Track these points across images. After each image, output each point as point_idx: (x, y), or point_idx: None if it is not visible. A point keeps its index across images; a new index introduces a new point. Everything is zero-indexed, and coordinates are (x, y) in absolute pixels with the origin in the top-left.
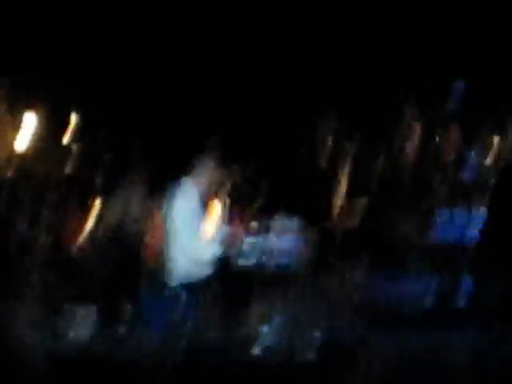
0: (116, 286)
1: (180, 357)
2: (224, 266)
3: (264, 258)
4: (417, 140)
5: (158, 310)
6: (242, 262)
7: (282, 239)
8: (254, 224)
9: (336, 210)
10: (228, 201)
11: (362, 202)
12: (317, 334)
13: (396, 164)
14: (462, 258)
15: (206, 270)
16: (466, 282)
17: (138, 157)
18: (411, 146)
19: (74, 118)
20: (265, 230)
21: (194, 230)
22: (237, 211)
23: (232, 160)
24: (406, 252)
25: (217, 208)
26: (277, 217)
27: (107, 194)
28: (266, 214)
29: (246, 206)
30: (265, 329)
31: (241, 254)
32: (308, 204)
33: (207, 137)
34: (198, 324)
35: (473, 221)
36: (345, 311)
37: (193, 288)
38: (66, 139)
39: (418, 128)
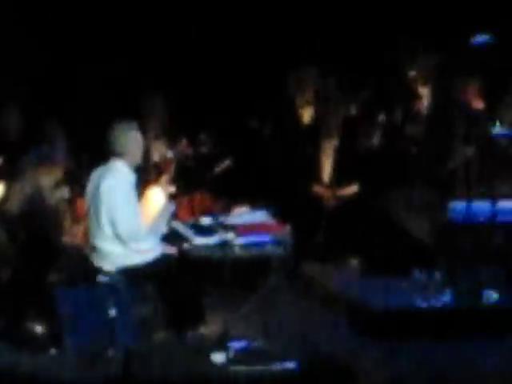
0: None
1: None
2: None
3: (228, 236)
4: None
5: (88, 307)
6: (200, 240)
7: (255, 214)
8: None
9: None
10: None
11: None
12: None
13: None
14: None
15: (152, 254)
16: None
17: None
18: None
19: None
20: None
21: (132, 209)
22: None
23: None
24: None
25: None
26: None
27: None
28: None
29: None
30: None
31: (199, 230)
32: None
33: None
34: (142, 323)
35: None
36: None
37: (135, 276)
38: None
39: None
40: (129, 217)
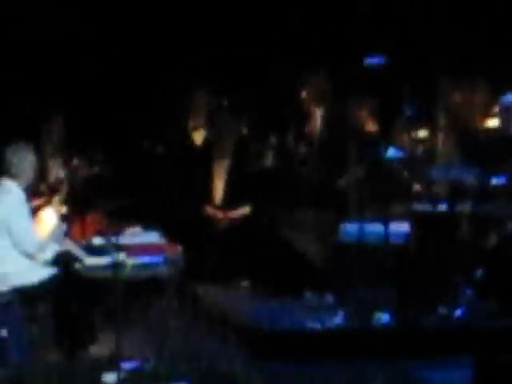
0: None
1: None
2: (66, 268)
3: (121, 256)
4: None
5: None
6: (92, 261)
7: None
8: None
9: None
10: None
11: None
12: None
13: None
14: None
15: (43, 274)
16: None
17: None
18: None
19: None
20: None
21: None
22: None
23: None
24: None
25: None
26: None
27: None
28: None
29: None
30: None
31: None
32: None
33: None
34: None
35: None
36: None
37: (26, 295)
38: None
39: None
40: (31, 232)
